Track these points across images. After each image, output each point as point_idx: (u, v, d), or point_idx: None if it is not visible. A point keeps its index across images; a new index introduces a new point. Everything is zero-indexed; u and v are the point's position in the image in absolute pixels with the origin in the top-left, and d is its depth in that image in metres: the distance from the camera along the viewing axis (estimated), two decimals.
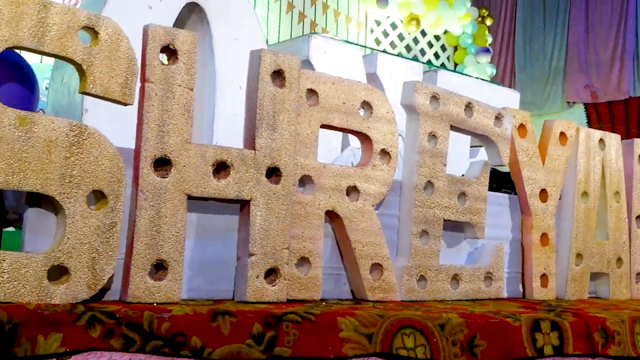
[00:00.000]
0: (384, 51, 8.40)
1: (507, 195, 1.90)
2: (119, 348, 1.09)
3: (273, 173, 1.37)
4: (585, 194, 2.00)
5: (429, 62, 8.94)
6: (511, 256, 1.89)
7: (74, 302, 1.13)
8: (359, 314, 1.26)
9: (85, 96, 2.08)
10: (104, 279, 1.17)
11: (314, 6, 7.97)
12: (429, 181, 1.62)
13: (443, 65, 9.09)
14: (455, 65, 9.09)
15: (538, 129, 2.48)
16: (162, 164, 1.24)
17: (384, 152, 1.56)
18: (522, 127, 1.88)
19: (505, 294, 1.86)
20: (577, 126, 2.03)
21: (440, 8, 8.63)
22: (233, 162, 1.31)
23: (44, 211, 1.17)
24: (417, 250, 1.59)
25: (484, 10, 9.15)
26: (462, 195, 1.70)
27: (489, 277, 1.74)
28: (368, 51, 3.79)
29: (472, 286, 1.70)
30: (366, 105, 1.53)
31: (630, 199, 2.15)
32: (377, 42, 8.60)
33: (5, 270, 1.08)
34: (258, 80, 1.36)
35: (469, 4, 8.88)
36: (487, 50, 8.83)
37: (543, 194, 1.90)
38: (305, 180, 1.44)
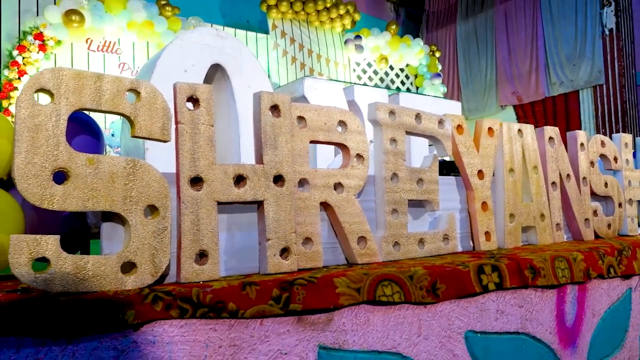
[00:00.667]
0: (364, 84, 8.39)
1: (454, 177, 1.87)
2: (177, 316, 1.08)
3: (279, 179, 1.36)
4: (511, 170, 1.97)
5: (397, 88, 8.91)
6: (462, 221, 1.86)
7: (142, 287, 1.13)
8: (349, 274, 1.25)
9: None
10: (162, 268, 1.17)
11: (310, 57, 7.96)
12: (394, 173, 1.60)
13: (408, 89, 9.05)
14: (417, 88, 9.04)
15: None
16: (196, 181, 1.24)
17: (359, 156, 1.54)
18: (459, 127, 1.86)
19: (460, 249, 1.83)
20: (501, 122, 2.00)
21: (402, 48, 8.60)
22: (248, 175, 1.31)
23: (115, 224, 1.17)
24: (391, 224, 1.57)
25: (433, 47, 9.12)
26: (420, 180, 1.68)
27: (446, 238, 1.72)
28: (347, 85, 3.77)
29: (434, 246, 1.68)
30: (342, 123, 1.52)
31: (546, 171, 2.11)
32: (359, 77, 8.60)
33: (90, 269, 1.08)
34: (260, 114, 1.36)
35: (422, 43, 8.84)
36: (438, 75, 8.80)
37: (480, 174, 1.88)
38: (303, 182, 1.42)
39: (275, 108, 1.38)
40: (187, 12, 6.55)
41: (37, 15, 5.56)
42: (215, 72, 2.38)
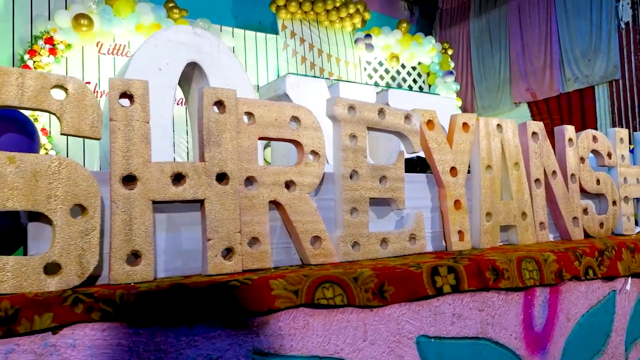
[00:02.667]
0: (375, 83, 8.28)
1: (424, 174, 1.78)
2: (98, 319, 1.03)
3: (223, 177, 1.31)
4: (489, 167, 1.87)
5: (409, 87, 8.78)
6: (433, 220, 1.78)
7: (67, 288, 1.09)
8: (288, 275, 1.18)
9: None
10: (90, 269, 1.12)
11: (320, 56, 7.89)
12: (353, 170, 1.53)
13: (420, 88, 8.91)
14: (429, 86, 8.89)
15: None
16: (130, 180, 1.19)
17: (314, 152, 1.47)
18: (430, 122, 1.77)
19: (430, 249, 1.75)
20: (477, 117, 1.90)
21: (413, 46, 8.46)
22: (188, 173, 1.25)
23: (42, 224, 1.13)
24: (349, 223, 1.50)
25: (445, 44, 8.95)
26: (383, 178, 1.60)
27: (413, 237, 1.63)
28: (333, 82, 3.71)
29: (399, 246, 1.60)
30: (295, 119, 1.45)
31: (529, 167, 2.00)
32: (370, 76, 8.49)
33: (9, 270, 1.04)
34: (203, 109, 1.30)
35: (434, 41, 8.69)
36: (451, 73, 8.62)
37: (453, 171, 1.78)
38: (250, 180, 1.36)
39: (220, 104, 1.32)
40: (197, 14, 6.55)
41: (49, 19, 5.63)
42: (194, 71, 2.34)
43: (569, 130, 2.18)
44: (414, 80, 8.82)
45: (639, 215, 2.55)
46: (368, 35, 8.18)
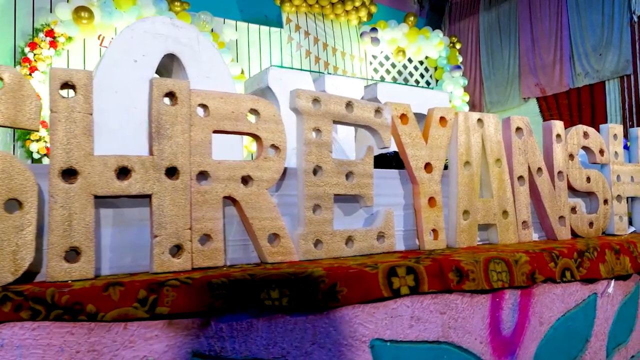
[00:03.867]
0: (381, 77, 8.19)
1: (396, 170, 1.72)
2: (28, 318, 0.99)
3: (173, 172, 1.26)
4: (467, 163, 1.80)
5: (416, 81, 8.66)
6: (407, 217, 1.72)
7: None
8: (233, 275, 1.13)
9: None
10: (24, 266, 1.08)
11: (325, 50, 7.81)
12: (317, 165, 1.47)
13: (427, 83, 8.79)
14: (437, 81, 8.76)
15: None
16: (70, 174, 1.15)
17: (274, 147, 1.42)
18: (403, 116, 1.70)
19: (402, 248, 1.69)
20: (456, 111, 1.83)
21: (420, 40, 8.34)
22: (134, 167, 1.21)
23: None
24: (311, 220, 1.44)
25: (453, 38, 8.81)
26: (350, 174, 1.54)
27: (381, 235, 1.58)
28: (316, 75, 3.63)
29: (366, 244, 1.54)
30: (254, 111, 1.40)
31: (511, 164, 1.93)
32: (375, 70, 8.39)
33: None
34: (152, 101, 1.25)
35: (441, 35, 8.55)
36: (458, 67, 8.50)
37: (428, 167, 1.72)
38: (204, 175, 1.31)
39: (171, 95, 1.28)
40: (200, 7, 6.51)
41: (51, 12, 5.64)
42: (173, 62, 2.30)
43: (557, 125, 2.10)
44: (421, 75, 8.70)
45: (633, 214, 2.45)
46: (374, 29, 8.07)
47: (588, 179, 2.18)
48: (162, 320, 1.07)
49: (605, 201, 2.23)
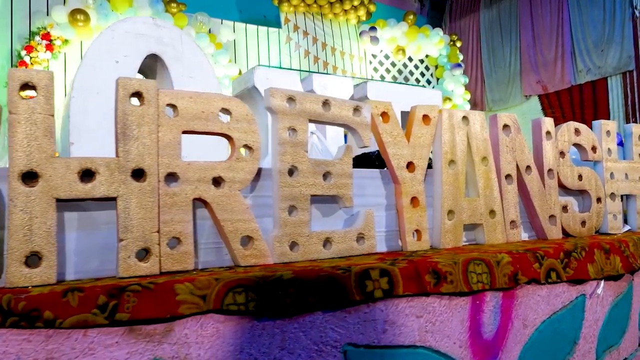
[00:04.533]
0: (381, 77, 8.14)
1: (377, 170, 1.68)
2: None
3: (140, 174, 1.23)
4: (452, 162, 1.76)
5: (416, 80, 8.61)
6: (389, 218, 1.68)
7: None
8: (198, 279, 1.10)
9: (70, 132, 1.99)
10: None
11: (324, 50, 7.78)
12: (292, 166, 1.44)
13: (428, 81, 8.73)
14: (437, 79, 8.71)
15: None
16: (31, 177, 1.12)
17: (247, 147, 1.38)
18: (384, 114, 1.66)
19: (384, 249, 1.65)
20: (440, 108, 1.79)
21: (420, 38, 8.29)
22: (98, 169, 1.18)
23: None
24: (286, 222, 1.41)
25: (454, 36, 8.75)
26: (328, 174, 1.51)
27: (361, 237, 1.54)
28: (305, 74, 3.60)
29: (345, 246, 1.50)
30: (225, 111, 1.37)
31: (499, 162, 1.89)
32: (375, 70, 8.35)
33: None
34: (118, 101, 1.23)
35: (441, 33, 8.49)
36: (459, 65, 8.45)
37: (411, 166, 1.68)
38: (173, 176, 1.28)
39: (138, 95, 1.25)
40: (197, 8, 6.50)
41: (47, 15, 5.64)
42: (156, 63, 2.27)
43: (547, 122, 2.06)
44: (422, 74, 8.65)
45: (629, 213, 2.40)
46: (373, 28, 8.03)
47: (580, 177, 2.14)
48: (123, 326, 1.04)
49: (599, 199, 2.18)
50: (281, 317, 1.13)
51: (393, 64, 8.45)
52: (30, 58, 5.30)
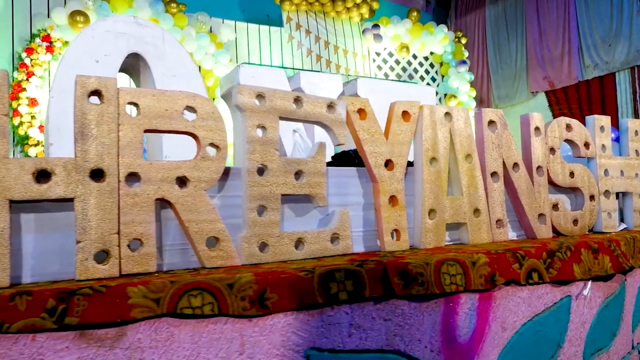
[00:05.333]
0: (385, 75, 8.07)
1: (353, 168, 1.64)
2: None
3: (100, 173, 1.20)
4: (434, 159, 1.72)
5: (421, 77, 8.53)
6: (367, 217, 1.64)
7: None
8: (152, 282, 1.07)
9: (49, 132, 1.98)
10: None
11: (327, 48, 7.74)
12: (262, 164, 1.40)
13: (433, 79, 8.65)
14: (442, 76, 8.63)
15: (513, 118, 2.24)
16: None
17: (213, 145, 1.35)
18: (361, 111, 1.62)
19: (362, 249, 1.61)
20: (421, 105, 1.74)
21: (424, 35, 8.22)
22: (54, 169, 1.15)
23: None
24: (255, 222, 1.38)
25: (459, 32, 8.66)
26: (300, 172, 1.47)
27: (336, 237, 1.50)
28: (291, 72, 3.56)
29: (318, 246, 1.47)
30: (190, 109, 1.34)
31: (484, 159, 1.84)
32: (379, 68, 8.29)
33: None
34: (76, 100, 1.20)
35: (446, 30, 8.41)
36: (464, 62, 8.36)
37: (389, 164, 1.64)
38: (134, 177, 1.25)
39: (97, 93, 1.22)
40: (197, 8, 6.49)
41: (48, 17, 5.67)
42: (138, 62, 2.25)
43: (535, 118, 2.00)
44: (426, 71, 8.57)
45: (625, 210, 2.33)
46: (376, 26, 7.97)
47: (572, 174, 2.08)
48: (73, 331, 1.01)
49: (592, 197, 2.12)
50: (240, 320, 1.10)
51: (397, 62, 8.39)
52: (31, 60, 5.33)
